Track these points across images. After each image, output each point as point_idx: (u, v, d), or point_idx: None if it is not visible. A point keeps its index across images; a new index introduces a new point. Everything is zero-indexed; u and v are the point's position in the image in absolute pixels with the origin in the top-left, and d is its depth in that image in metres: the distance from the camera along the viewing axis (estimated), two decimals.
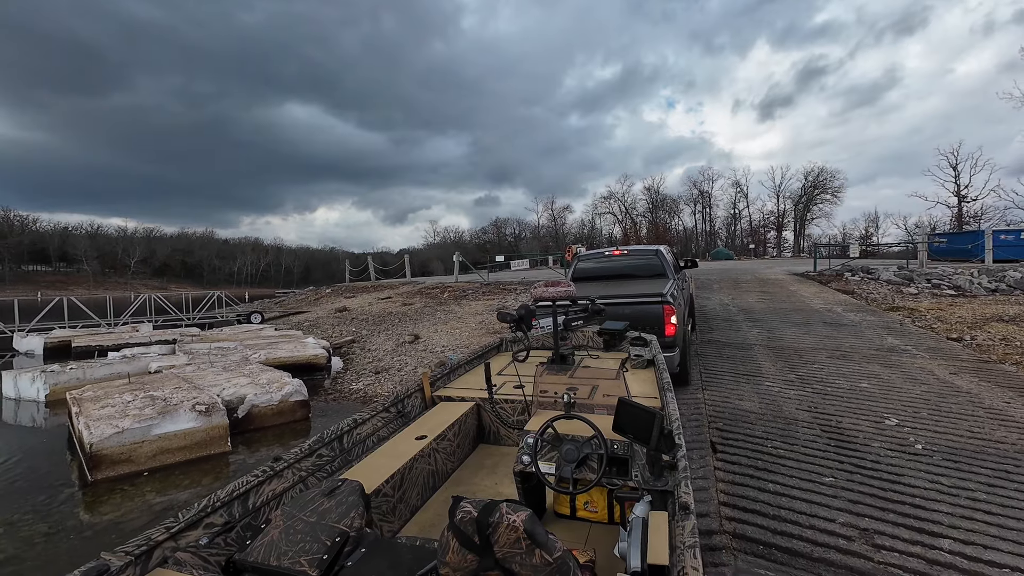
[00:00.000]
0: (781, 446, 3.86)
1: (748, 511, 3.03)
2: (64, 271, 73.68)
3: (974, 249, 20.09)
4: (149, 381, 5.58)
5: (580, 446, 1.93)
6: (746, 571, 2.51)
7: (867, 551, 2.60)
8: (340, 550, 1.34)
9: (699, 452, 3.82)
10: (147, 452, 4.15)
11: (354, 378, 7.60)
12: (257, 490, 1.77)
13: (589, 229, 63.49)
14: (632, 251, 6.97)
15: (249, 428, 5.06)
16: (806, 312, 9.57)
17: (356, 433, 2.43)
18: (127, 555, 1.32)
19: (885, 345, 6.88)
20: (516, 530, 1.07)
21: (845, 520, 2.87)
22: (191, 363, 6.96)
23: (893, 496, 3.08)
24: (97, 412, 4.33)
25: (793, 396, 4.97)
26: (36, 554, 3.05)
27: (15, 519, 3.39)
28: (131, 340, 10.90)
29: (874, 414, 4.40)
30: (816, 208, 53.78)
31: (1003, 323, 8.09)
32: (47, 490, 3.94)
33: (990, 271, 13.93)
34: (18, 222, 71.20)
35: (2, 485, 4.00)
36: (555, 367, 3.31)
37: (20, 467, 4.39)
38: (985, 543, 2.60)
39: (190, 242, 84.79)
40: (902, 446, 3.76)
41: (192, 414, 4.36)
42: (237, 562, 1.37)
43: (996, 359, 6.10)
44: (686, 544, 1.28)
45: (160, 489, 3.89)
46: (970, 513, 2.87)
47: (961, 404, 4.57)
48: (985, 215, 38.22)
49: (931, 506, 2.95)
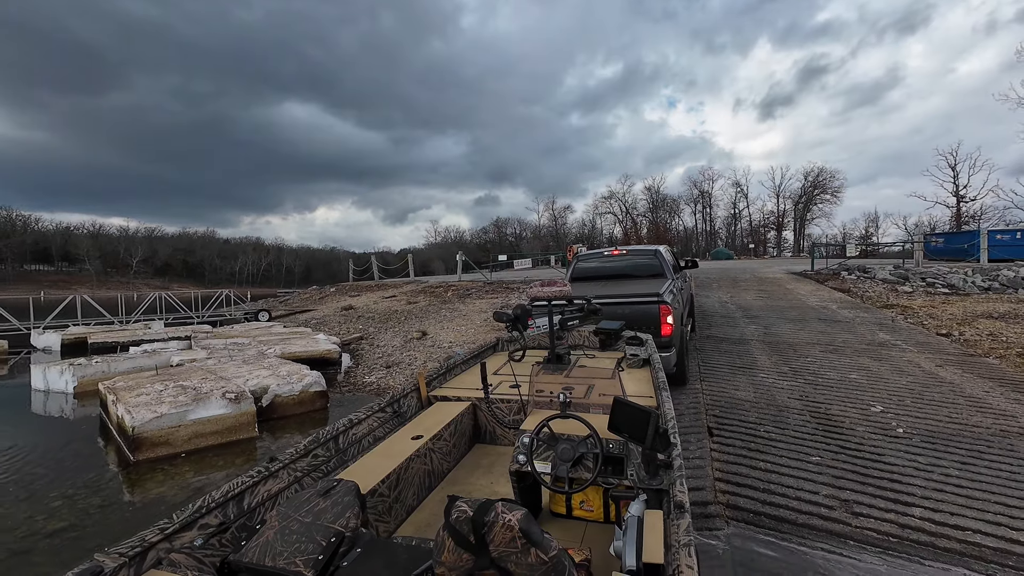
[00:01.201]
0: (773, 430, 4.16)
1: (740, 485, 3.32)
2: (66, 271, 73.99)
3: (970, 249, 20.37)
4: (176, 373, 5.88)
5: (576, 445, 1.94)
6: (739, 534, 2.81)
7: (846, 518, 2.90)
8: (336, 550, 1.34)
9: (696, 436, 4.12)
10: (183, 436, 4.47)
11: (366, 372, 7.89)
12: (252, 491, 1.76)
13: (590, 229, 63.80)
14: (631, 251, 7.01)
15: (272, 416, 5.36)
16: (802, 309, 9.86)
17: (352, 433, 2.42)
18: (121, 556, 1.30)
19: (876, 340, 7.17)
20: (512, 529, 1.07)
21: (828, 493, 3.17)
22: (211, 357, 7.25)
23: (873, 473, 3.38)
24: (134, 400, 4.63)
25: (786, 386, 5.26)
26: (93, 522, 3.36)
27: (70, 493, 3.70)
28: (145, 337, 11.19)
29: (861, 402, 4.70)
30: (816, 208, 54.08)
31: (992, 320, 8.37)
32: (94, 469, 4.25)
33: (984, 270, 14.20)
34: (20, 222, 71.48)
35: (51, 466, 4.31)
36: (551, 367, 3.31)
37: (65, 451, 4.69)
38: (952, 511, 2.90)
39: (191, 242, 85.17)
40: (885, 430, 4.05)
41: (223, 401, 4.67)
42: (232, 563, 1.36)
43: (981, 353, 6.39)
44: (681, 543, 1.28)
45: (197, 470, 4.19)
46: (941, 487, 3.17)
47: (943, 393, 4.86)
48: (985, 215, 38.39)
49: (907, 481, 3.25)
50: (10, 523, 3.27)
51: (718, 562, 2.59)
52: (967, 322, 8.31)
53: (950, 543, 2.63)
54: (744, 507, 3.09)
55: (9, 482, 3.99)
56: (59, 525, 3.27)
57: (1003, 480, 3.20)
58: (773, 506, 3.07)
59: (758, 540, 2.77)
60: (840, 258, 21.48)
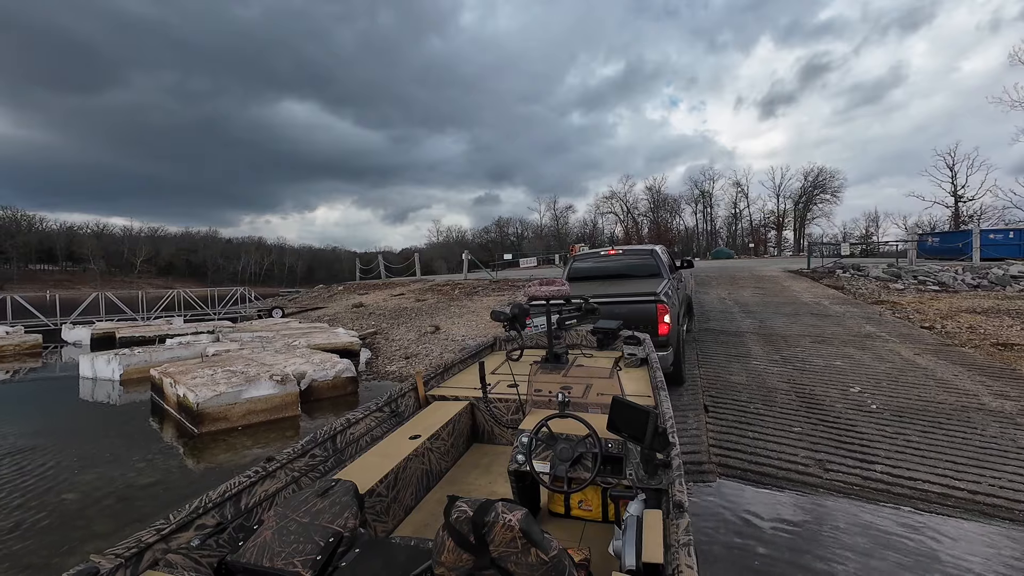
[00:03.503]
0: (761, 407, 4.70)
1: (730, 450, 3.87)
2: (70, 270, 74.63)
3: (964, 248, 20.86)
4: (219, 360, 6.43)
5: (574, 445, 1.94)
6: None
7: (819, 473, 3.44)
8: (334, 551, 1.34)
9: (694, 413, 4.65)
10: (238, 412, 5.02)
11: (386, 362, 8.43)
12: (249, 491, 1.77)
13: (591, 229, 64.39)
14: (627, 251, 7.00)
15: (310, 399, 5.90)
16: (796, 305, 10.39)
17: (349, 433, 2.43)
18: (117, 557, 1.30)
19: (863, 332, 7.70)
20: (512, 529, 1.07)
21: (805, 455, 3.71)
22: (243, 348, 7.80)
23: (845, 439, 3.92)
24: (191, 381, 5.17)
25: (775, 372, 5.80)
26: (175, 479, 3.92)
27: (149, 458, 4.25)
28: (169, 332, 11.75)
29: (842, 384, 5.23)
30: (816, 208, 54.60)
31: (974, 314, 8.90)
32: (161, 441, 4.82)
33: (975, 268, 14.72)
34: (25, 221, 72.12)
35: (123, 439, 4.85)
36: (549, 366, 3.33)
37: (130, 427, 5.24)
38: (909, 467, 3.44)
39: (194, 241, 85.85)
40: (860, 406, 4.59)
41: (271, 383, 5.21)
42: (229, 564, 1.35)
43: (958, 344, 6.92)
44: (680, 542, 1.28)
45: (252, 441, 4.73)
46: (903, 450, 3.71)
47: (916, 377, 5.40)
48: (985, 215, 38.74)
49: (874, 446, 3.79)
50: (107, 480, 3.82)
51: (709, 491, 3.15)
52: (950, 316, 8.83)
53: (903, 490, 3.17)
54: (733, 466, 3.63)
55: (94, 451, 4.55)
56: (148, 480, 3.83)
57: (956, 445, 3.74)
58: (758, 464, 3.61)
59: (743, 488, 3.33)
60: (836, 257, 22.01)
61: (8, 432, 5.15)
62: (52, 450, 4.55)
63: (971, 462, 3.47)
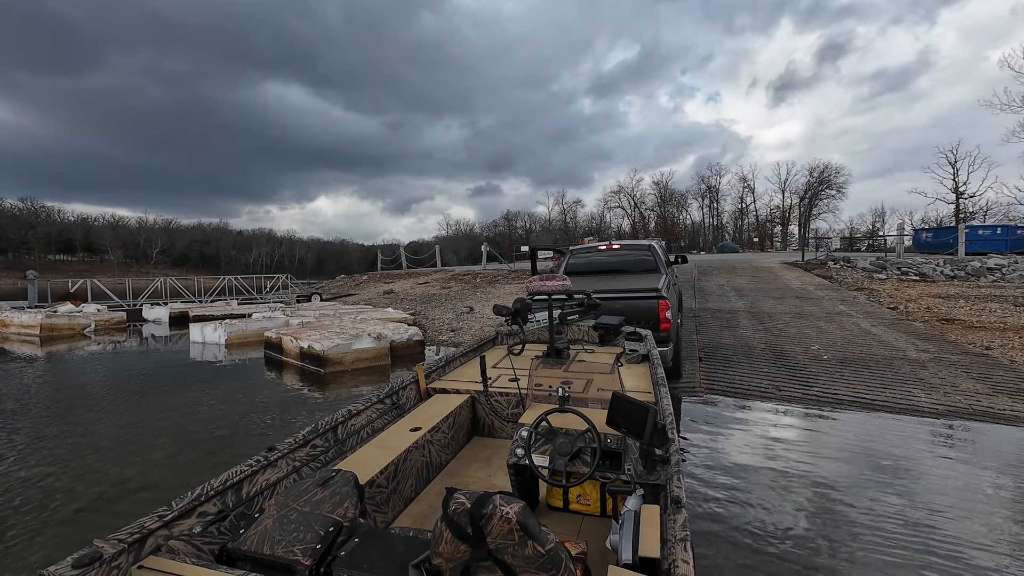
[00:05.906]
0: (741, 358, 6.28)
1: (715, 381, 5.46)
2: (87, 260, 76.86)
3: (954, 243, 22.22)
4: (315, 326, 8.10)
5: (574, 439, 1.95)
6: None
7: (775, 392, 5.04)
8: (333, 540, 1.36)
9: (691, 363, 6.23)
10: (349, 360, 6.69)
11: (436, 334, 10.08)
12: (251, 479, 1.79)
13: (599, 222, 65.77)
14: (625, 245, 6.94)
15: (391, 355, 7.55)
16: (784, 290, 11.92)
17: (350, 424, 2.45)
18: (120, 543, 1.31)
19: (835, 311, 9.24)
20: (509, 522, 1.09)
21: (768, 383, 5.30)
22: (319, 320, 9.46)
23: (799, 375, 5.51)
24: (311, 337, 6.84)
25: (757, 337, 7.37)
26: (327, 398, 5.59)
27: (296, 393, 5.92)
28: (234, 311, 13.45)
29: (805, 344, 6.80)
30: (821, 203, 55.59)
31: (937, 299, 10.39)
32: (297, 380, 6.49)
33: (956, 261, 16.14)
34: (44, 213, 74.26)
35: (267, 382, 6.54)
36: (550, 361, 3.35)
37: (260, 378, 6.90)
38: (836, 389, 5.03)
39: (206, 233, 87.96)
40: (815, 358, 6.17)
41: (370, 339, 6.87)
42: (231, 550, 1.39)
43: (911, 319, 8.45)
44: (677, 537, 1.29)
45: (362, 380, 6.40)
46: (838, 379, 5.29)
47: (866, 340, 6.95)
48: (990, 211, 39.34)
49: (817, 377, 5.37)
50: (270, 408, 5.42)
51: (696, 399, 4.77)
52: (915, 300, 10.33)
53: (827, 399, 4.77)
54: (716, 389, 5.24)
55: (245, 387, 6.21)
56: (300, 409, 5.45)
57: (874, 377, 5.33)
58: (733, 387, 5.22)
59: (722, 398, 4.94)
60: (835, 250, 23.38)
61: (192, 382, 6.84)
62: (237, 391, 6.04)
63: (879, 385, 5.06)
